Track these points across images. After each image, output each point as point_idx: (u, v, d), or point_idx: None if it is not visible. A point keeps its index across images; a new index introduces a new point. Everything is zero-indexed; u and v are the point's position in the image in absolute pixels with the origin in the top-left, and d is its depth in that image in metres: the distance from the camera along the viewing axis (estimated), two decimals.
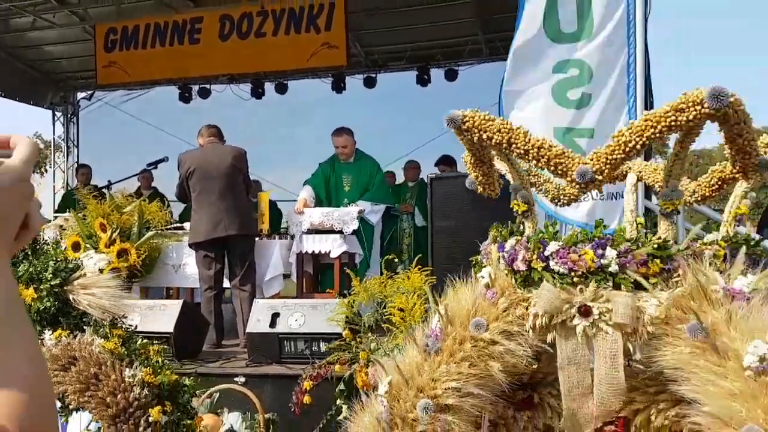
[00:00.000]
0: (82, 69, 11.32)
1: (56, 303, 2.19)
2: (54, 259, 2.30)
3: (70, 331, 2.23)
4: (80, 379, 2.20)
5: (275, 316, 4.63)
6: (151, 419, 2.21)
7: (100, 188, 7.75)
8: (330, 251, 5.68)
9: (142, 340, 2.39)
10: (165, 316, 4.94)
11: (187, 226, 6.05)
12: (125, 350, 2.24)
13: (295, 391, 3.63)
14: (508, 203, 1.77)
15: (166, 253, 6.17)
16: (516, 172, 1.56)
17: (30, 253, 2.40)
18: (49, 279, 2.21)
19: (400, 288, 3.15)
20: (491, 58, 9.88)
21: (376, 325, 3.21)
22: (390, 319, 2.97)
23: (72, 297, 2.27)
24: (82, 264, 2.41)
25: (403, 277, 3.53)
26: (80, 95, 12.54)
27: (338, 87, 10.76)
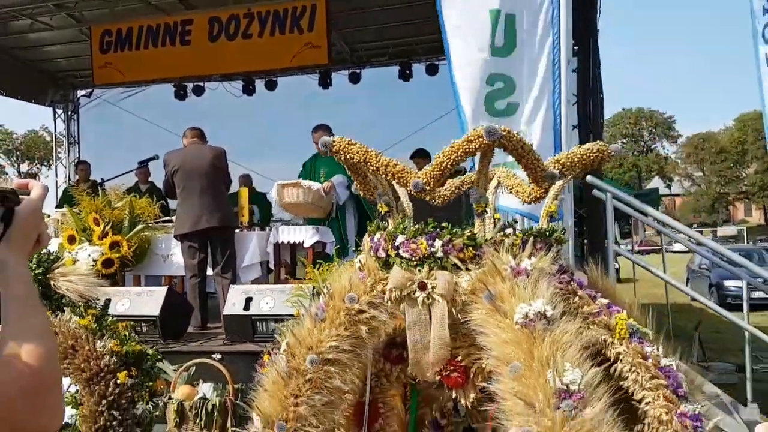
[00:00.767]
0: (80, 68, 11.77)
1: (40, 288, 2.69)
2: (39, 252, 2.80)
3: (51, 311, 2.73)
4: (60, 350, 2.71)
5: (248, 300, 5.14)
6: (119, 382, 2.73)
7: (100, 183, 8.25)
8: (303, 241, 6.19)
9: (112, 319, 2.90)
10: (152, 301, 5.45)
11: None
12: (97, 326, 2.75)
13: (258, 364, 4.14)
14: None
15: (155, 244, 6.69)
16: (373, 184, 2.04)
17: None
18: (33, 268, 2.72)
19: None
20: None
21: None
22: None
23: (53, 283, 2.77)
24: (62, 256, 2.92)
25: (352, 262, 4.03)
26: (80, 93, 13.02)
27: (324, 83, 11.23)
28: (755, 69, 5.78)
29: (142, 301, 5.45)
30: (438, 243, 1.89)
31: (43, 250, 2.84)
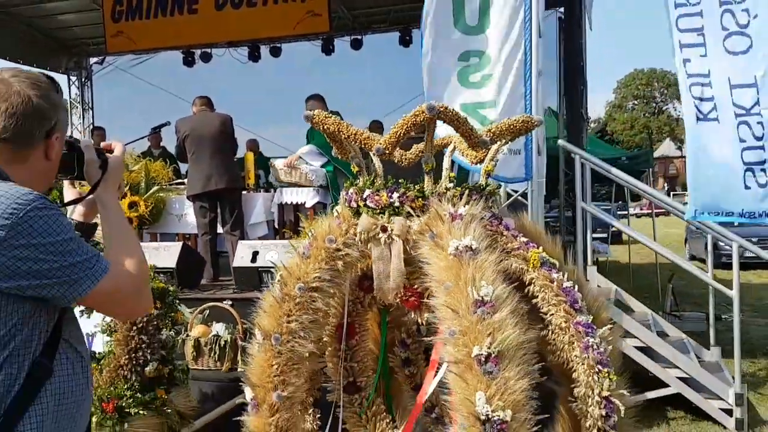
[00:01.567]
0: (93, 36, 12.23)
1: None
2: None
3: None
4: None
5: (255, 254, 5.74)
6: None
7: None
8: (305, 202, 6.76)
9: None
10: (169, 254, 6.06)
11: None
12: None
13: None
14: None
15: (170, 205, 7.29)
16: (349, 148, 2.57)
17: None
18: None
19: None
20: None
21: None
22: None
23: None
24: None
25: (332, 212, 4.60)
26: (92, 60, 13.52)
27: (327, 49, 11.65)
28: None
29: (160, 254, 6.05)
30: (395, 195, 2.43)
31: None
